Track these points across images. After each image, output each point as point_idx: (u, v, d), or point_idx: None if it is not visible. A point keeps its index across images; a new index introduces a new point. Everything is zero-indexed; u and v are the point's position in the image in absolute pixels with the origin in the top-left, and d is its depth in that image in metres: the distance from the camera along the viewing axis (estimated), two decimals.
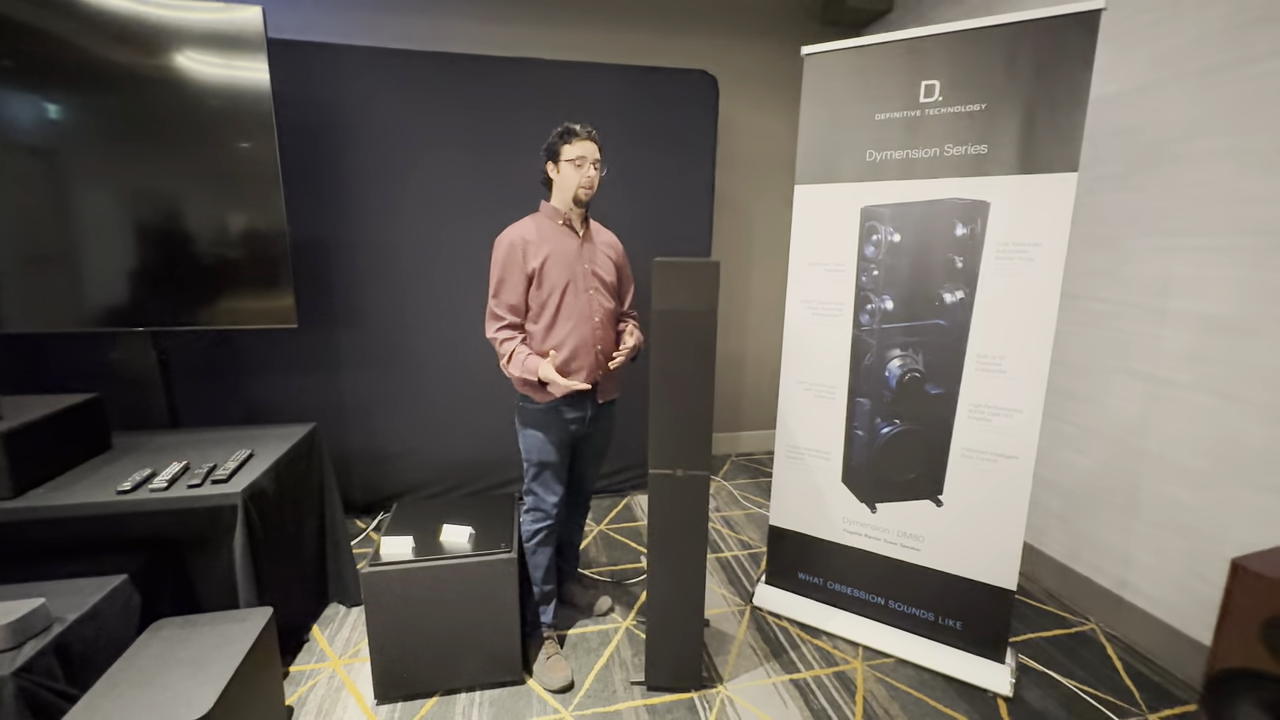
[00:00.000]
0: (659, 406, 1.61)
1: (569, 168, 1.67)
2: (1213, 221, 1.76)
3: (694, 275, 1.53)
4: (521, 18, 2.92)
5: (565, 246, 1.71)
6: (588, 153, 1.66)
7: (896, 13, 3.13)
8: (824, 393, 2.02)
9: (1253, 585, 0.95)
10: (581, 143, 1.67)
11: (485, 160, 2.60)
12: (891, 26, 3.16)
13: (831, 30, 3.30)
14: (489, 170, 2.60)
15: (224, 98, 1.99)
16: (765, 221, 3.44)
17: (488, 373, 2.69)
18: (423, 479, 2.80)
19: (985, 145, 1.70)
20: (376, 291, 2.62)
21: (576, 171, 1.66)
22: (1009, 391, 1.74)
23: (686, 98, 2.79)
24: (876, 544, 1.99)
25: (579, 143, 1.66)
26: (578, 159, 1.66)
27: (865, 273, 1.91)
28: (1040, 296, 1.67)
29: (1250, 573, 0.95)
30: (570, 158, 1.66)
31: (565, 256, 1.70)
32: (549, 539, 1.84)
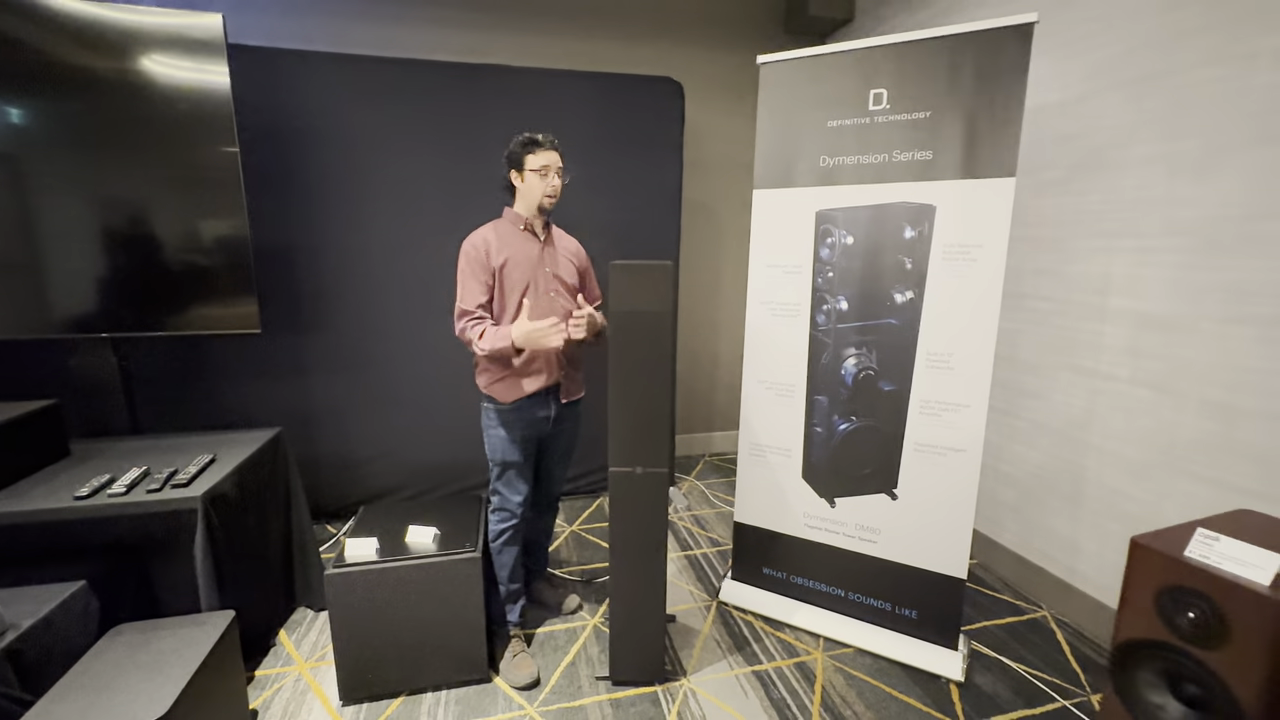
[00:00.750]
0: (618, 406, 1.64)
1: (533, 177, 1.70)
2: (1147, 223, 1.85)
3: (649, 277, 1.57)
4: (488, 24, 2.95)
5: (526, 251, 1.76)
6: (551, 162, 1.70)
7: (858, 21, 3.22)
8: (784, 391, 2.08)
9: (1148, 560, 1.01)
10: (545, 152, 1.70)
11: (452, 166, 2.62)
12: (853, 35, 3.24)
13: (795, 39, 3.38)
14: (455, 176, 2.61)
15: (185, 103, 1.99)
16: (735, 224, 3.50)
17: (456, 376, 2.70)
18: (393, 483, 2.80)
19: (930, 151, 1.77)
20: (343, 296, 2.63)
21: (541, 181, 1.70)
22: (957, 387, 1.80)
23: (653, 104, 2.83)
24: (836, 538, 2.04)
25: (542, 152, 1.70)
26: (541, 168, 1.69)
27: (821, 274, 1.97)
28: (983, 295, 1.74)
29: (1146, 549, 1.02)
30: (534, 167, 1.70)
31: (526, 260, 1.74)
32: (515, 538, 1.86)
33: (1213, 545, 1.02)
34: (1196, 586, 0.99)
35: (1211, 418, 1.70)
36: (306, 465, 2.59)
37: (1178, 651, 1.01)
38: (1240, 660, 0.96)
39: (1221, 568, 0.99)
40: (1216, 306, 1.68)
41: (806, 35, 3.39)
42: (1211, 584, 0.98)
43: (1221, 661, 0.98)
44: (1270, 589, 0.95)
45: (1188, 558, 1.02)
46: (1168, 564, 1.00)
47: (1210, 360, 1.69)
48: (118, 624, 1.51)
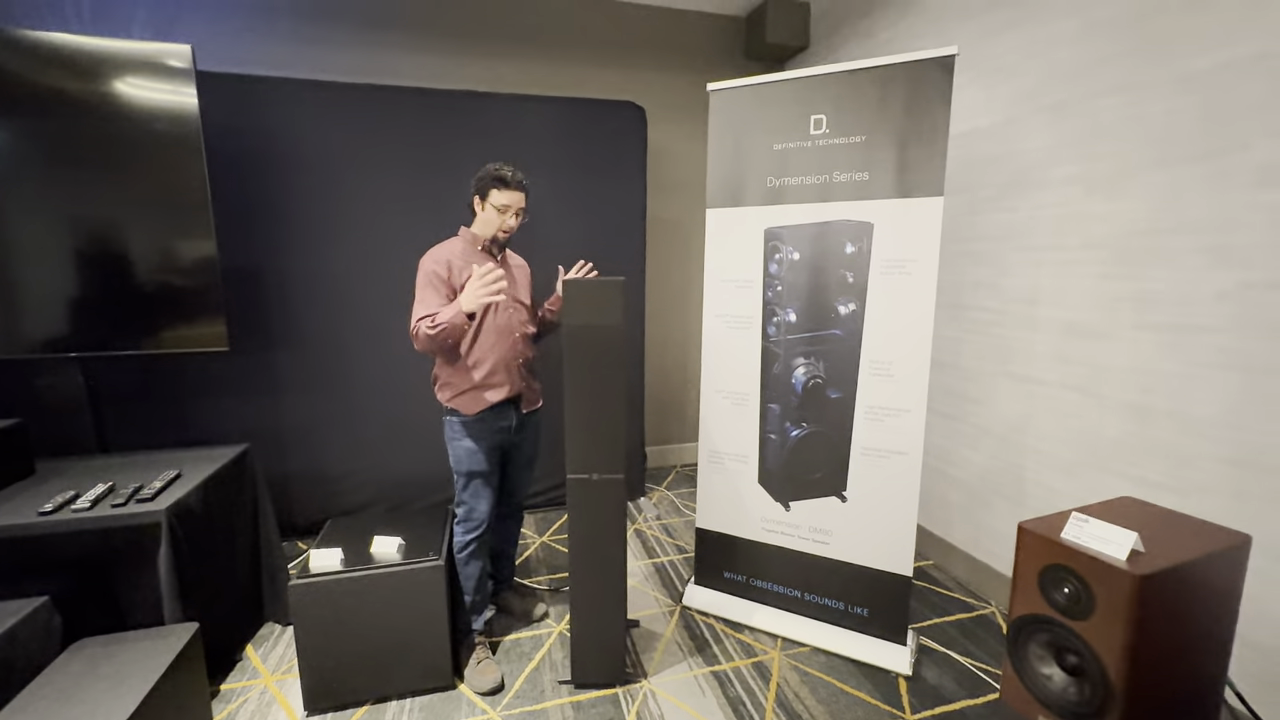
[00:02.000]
0: (574, 416, 1.71)
1: (493, 211, 1.77)
2: (1068, 237, 1.98)
3: (601, 293, 1.66)
4: (456, 50, 3.05)
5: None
6: (514, 202, 1.77)
7: (813, 48, 3.38)
8: (739, 400, 2.16)
9: (1032, 542, 1.11)
10: (511, 192, 1.77)
11: (419, 189, 2.69)
12: (809, 61, 3.41)
13: (754, 65, 3.53)
14: (423, 198, 2.69)
15: (154, 128, 2.05)
16: (696, 241, 3.61)
17: (424, 392, 2.71)
18: (364, 498, 2.83)
19: (867, 173, 1.89)
20: (312, 316, 2.67)
21: (499, 216, 1.77)
22: (898, 393, 1.90)
23: (616, 127, 2.94)
24: (791, 540, 2.12)
25: (508, 191, 1.76)
26: (503, 206, 1.76)
27: (770, 288, 2.07)
28: (918, 306, 1.84)
29: (1030, 533, 1.12)
30: (497, 203, 1.76)
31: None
32: (481, 549, 1.91)
33: (1083, 527, 1.12)
34: (1069, 564, 1.09)
35: (1129, 418, 1.82)
36: (277, 482, 2.64)
37: (1057, 624, 1.10)
38: (1104, 629, 1.06)
39: (1089, 546, 1.09)
40: (1129, 314, 1.81)
41: (765, 61, 3.54)
42: (1080, 561, 1.08)
43: (1090, 631, 1.07)
44: (1126, 563, 1.06)
45: (1063, 539, 1.12)
46: (1047, 545, 1.09)
47: (1126, 364, 1.82)
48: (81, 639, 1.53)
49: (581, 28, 3.23)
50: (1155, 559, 1.07)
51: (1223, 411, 1.59)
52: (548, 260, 2.27)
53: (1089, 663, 1.06)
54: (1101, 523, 1.11)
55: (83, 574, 1.64)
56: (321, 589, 1.69)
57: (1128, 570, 1.03)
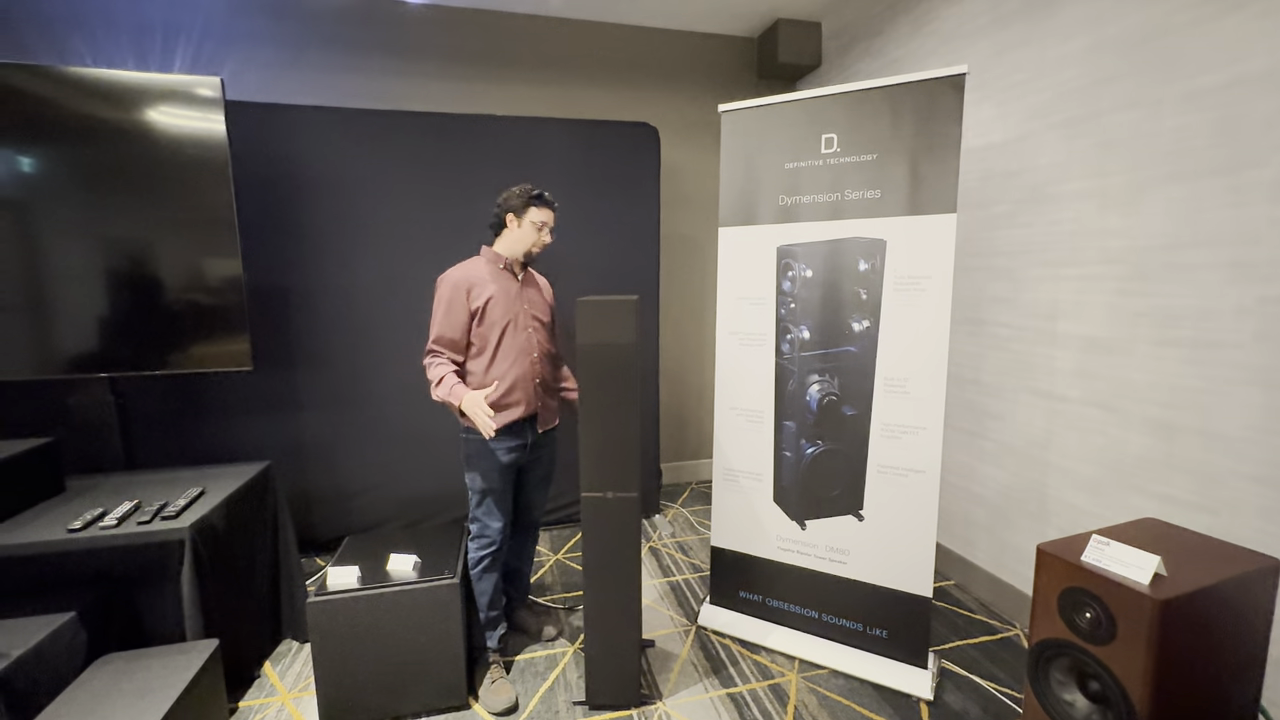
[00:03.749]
0: (589, 434, 1.73)
1: (531, 228, 1.86)
2: (1084, 253, 1.98)
3: (614, 311, 1.68)
4: (473, 76, 3.14)
5: (506, 288, 1.87)
6: (549, 220, 1.88)
7: (824, 68, 3.43)
8: (754, 417, 2.17)
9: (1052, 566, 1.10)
10: (548, 211, 1.88)
11: (440, 211, 2.76)
12: (821, 80, 3.45)
13: (766, 84, 3.59)
14: (443, 220, 2.75)
15: (184, 154, 2.14)
16: (712, 258, 3.63)
17: (441, 410, 2.75)
18: (382, 515, 2.86)
19: (879, 190, 1.91)
20: (335, 335, 2.73)
21: (536, 233, 1.86)
22: (914, 411, 1.90)
23: (630, 147, 3.00)
24: (808, 559, 2.11)
25: (546, 210, 1.87)
26: (541, 224, 1.86)
27: (784, 305, 2.08)
28: (933, 323, 1.85)
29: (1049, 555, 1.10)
30: (536, 220, 1.85)
31: (506, 298, 1.86)
32: (494, 565, 1.94)
33: (1104, 550, 1.10)
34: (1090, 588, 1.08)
35: (1153, 434, 1.79)
36: (297, 499, 2.69)
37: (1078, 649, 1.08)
38: (1127, 654, 1.04)
39: (1110, 570, 1.07)
40: (1149, 330, 1.79)
41: (777, 80, 3.60)
42: (1101, 585, 1.07)
43: (1112, 656, 1.05)
44: (1148, 588, 1.04)
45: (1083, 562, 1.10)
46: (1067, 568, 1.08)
47: (1148, 380, 1.80)
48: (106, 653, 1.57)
49: (596, 52, 3.31)
50: (1178, 583, 1.05)
51: (1248, 428, 1.57)
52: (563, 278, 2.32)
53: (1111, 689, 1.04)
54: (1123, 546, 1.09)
55: (108, 590, 1.69)
56: (339, 607, 1.72)
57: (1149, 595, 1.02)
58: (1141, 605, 1.02)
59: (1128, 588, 1.04)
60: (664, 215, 3.22)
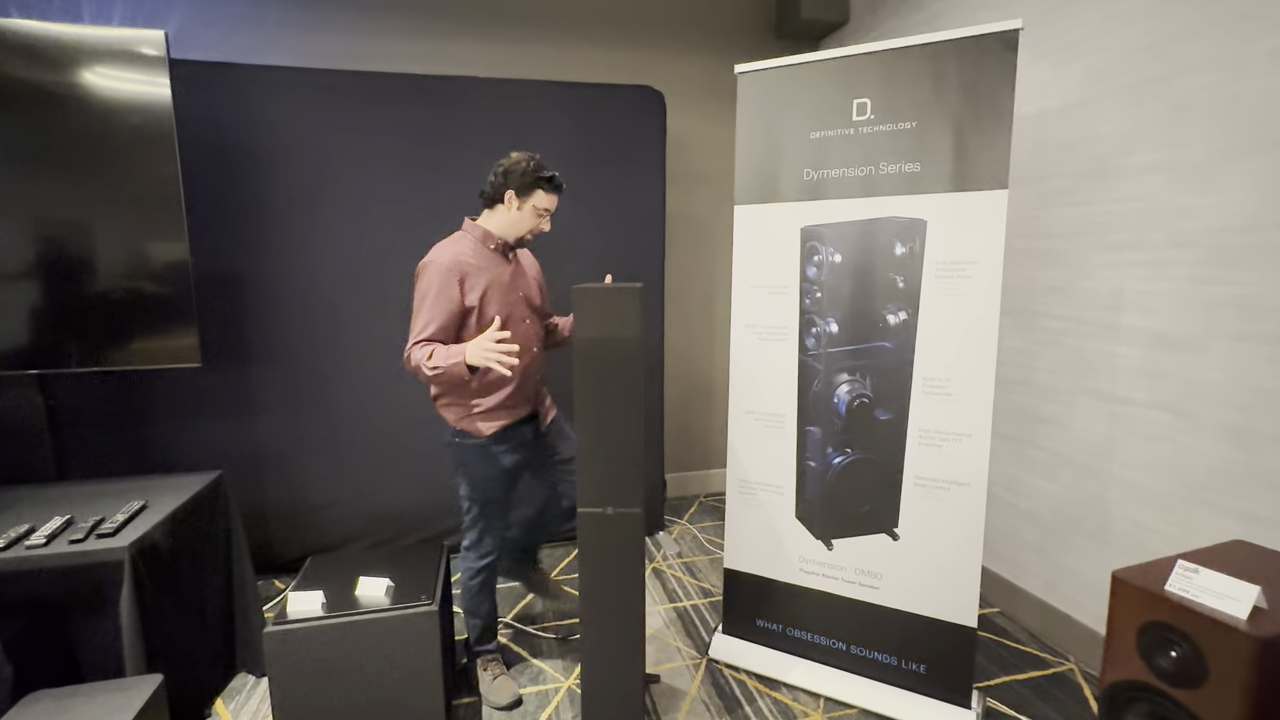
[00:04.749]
0: (586, 441, 1.69)
1: (531, 213, 1.84)
2: (1153, 235, 1.94)
3: (616, 301, 1.64)
4: (454, 33, 3.10)
5: (500, 275, 1.86)
6: (553, 207, 1.88)
7: (853, 24, 3.39)
8: (773, 422, 2.14)
9: (1129, 596, 1.07)
10: (554, 197, 1.87)
11: (416, 185, 2.72)
12: (848, 38, 3.41)
13: (786, 44, 3.55)
14: (420, 196, 2.72)
15: (122, 121, 2.10)
16: (723, 240, 3.60)
17: (420, 414, 2.75)
18: (349, 532, 2.84)
19: (918, 163, 1.87)
20: (296, 328, 2.70)
21: (536, 219, 1.86)
22: (957, 415, 1.86)
23: (632, 115, 2.96)
24: (834, 584, 2.08)
25: (553, 195, 1.86)
26: (544, 209, 1.85)
27: (809, 294, 2.05)
28: (981, 315, 1.81)
29: (1126, 584, 1.07)
30: (540, 205, 1.84)
31: (501, 287, 1.85)
32: (492, 578, 2.02)
33: (1192, 578, 1.07)
34: (1175, 622, 1.05)
35: (1230, 443, 1.76)
36: (253, 513, 2.66)
37: (1160, 694, 1.05)
38: (1218, 700, 1.01)
39: (1200, 601, 1.04)
40: (1228, 323, 1.76)
41: (799, 39, 3.55)
42: (1189, 619, 1.03)
43: (1201, 702, 1.02)
44: (1247, 623, 1.01)
45: (1168, 592, 1.07)
46: (1147, 599, 1.05)
47: (1224, 381, 1.77)
48: (35, 690, 1.54)
49: (592, 5, 3.26)
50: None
51: None
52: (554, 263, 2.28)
53: None
54: (1215, 574, 1.06)
55: (36, 618, 1.65)
56: (300, 637, 1.69)
57: (1247, 631, 0.98)
58: (1237, 643, 0.98)
59: (1221, 623, 1.01)
60: (669, 192, 3.16)
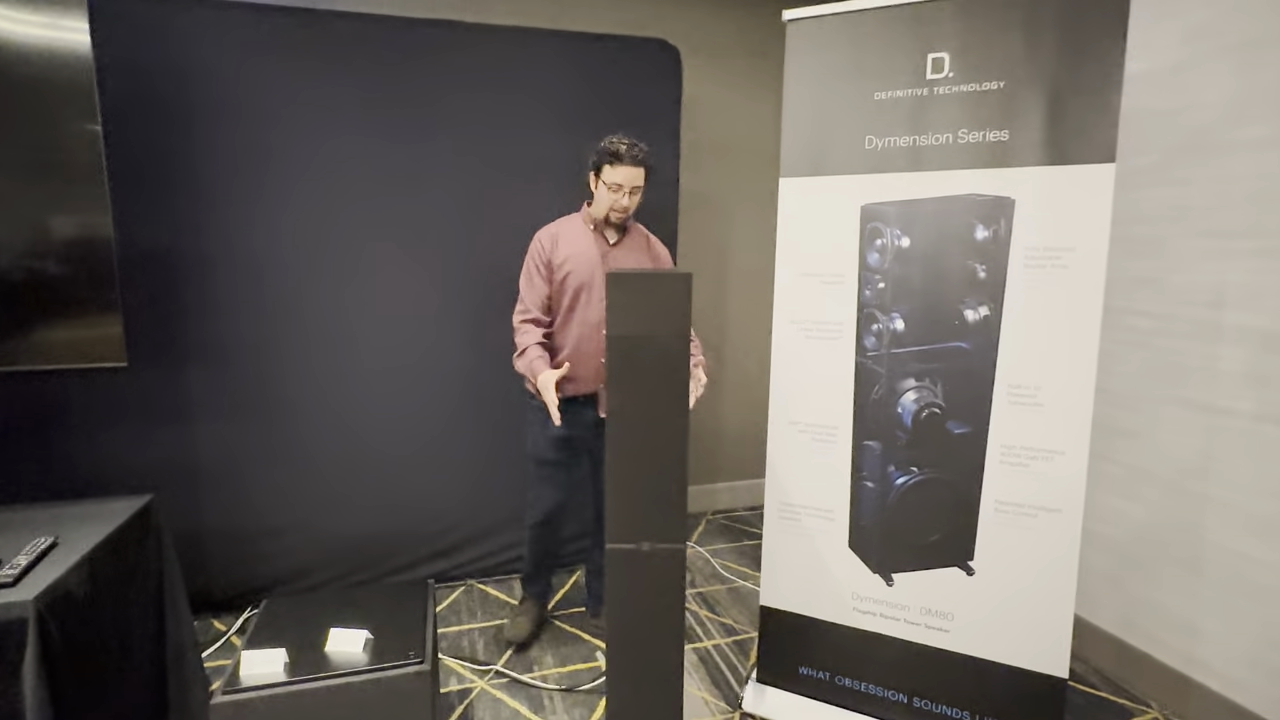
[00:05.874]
0: (618, 461, 1.53)
1: (604, 190, 2.03)
2: (1265, 220, 1.84)
3: (658, 290, 1.49)
4: None
5: (589, 251, 2.10)
6: (627, 180, 2.00)
7: None
8: (823, 435, 2.02)
9: None
10: (624, 168, 1.98)
11: (391, 150, 2.55)
12: None
13: None
14: (395, 163, 2.55)
15: (29, 69, 1.86)
16: (745, 221, 3.48)
17: (393, 420, 2.64)
18: (307, 561, 2.65)
19: (1006, 131, 1.75)
20: (242, 319, 2.49)
21: (610, 195, 2.02)
22: (1048, 429, 1.76)
23: (643, 73, 2.81)
24: (895, 625, 1.96)
25: (621, 168, 1.98)
26: (615, 184, 2.00)
27: (869, 285, 1.92)
28: (1079, 312, 1.70)
29: None
30: (609, 180, 2.00)
31: (587, 261, 2.08)
32: (546, 535, 2.31)
33: None
34: None
35: None
36: (190, 541, 2.45)
37: None
38: None
39: None
40: None
41: None
42: None
43: None
44: None
45: None
46: None
47: None
48: None
49: None
50: None
51: None
52: None
53: None
54: None
55: None
56: (258, 709, 1.48)
57: None
58: None
59: None
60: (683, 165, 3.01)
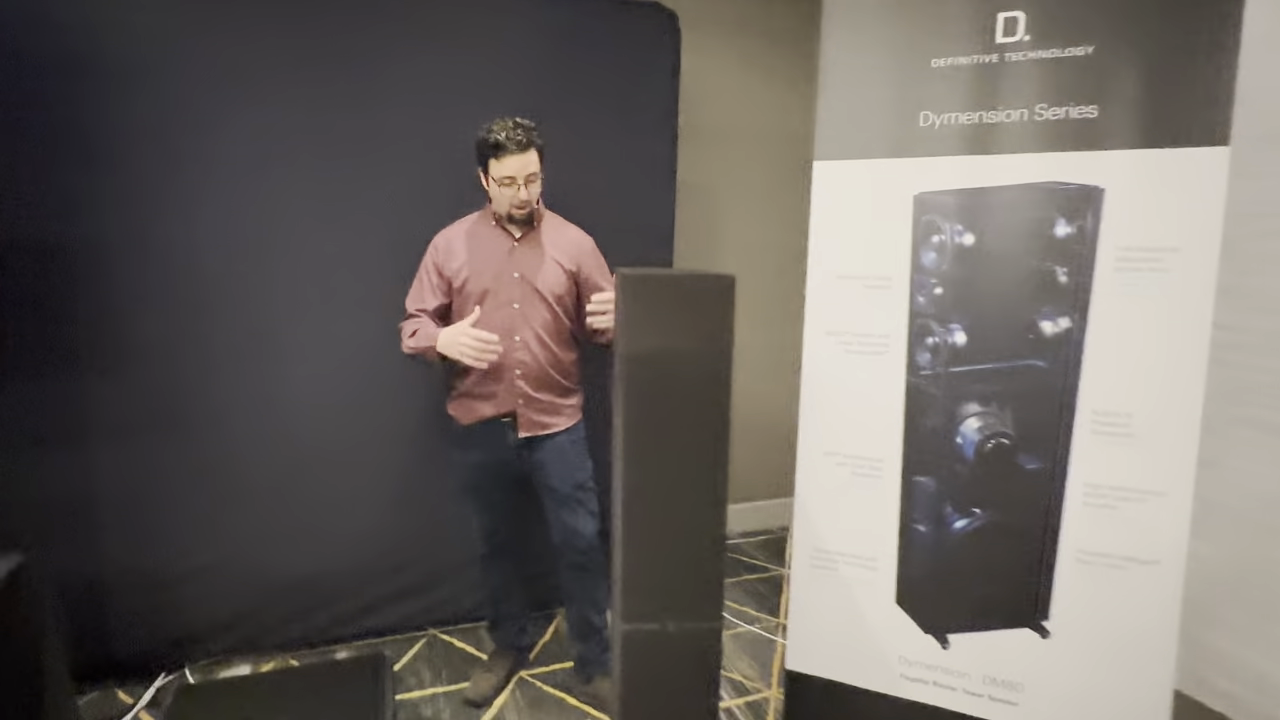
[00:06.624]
0: (635, 516, 1.24)
1: (496, 188, 1.85)
2: None
3: (691, 297, 1.21)
4: None
5: (491, 251, 1.94)
6: (519, 170, 1.82)
7: None
8: (866, 469, 1.80)
9: None
10: (511, 158, 1.80)
11: (333, 125, 2.28)
12: None
13: None
14: (339, 140, 2.28)
15: None
16: (747, 215, 3.28)
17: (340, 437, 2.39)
18: (233, 614, 2.33)
19: (1094, 106, 1.54)
20: (148, 318, 2.18)
21: (505, 192, 1.85)
22: (1141, 465, 1.56)
23: (633, 42, 2.57)
24: (952, 696, 1.75)
25: (508, 158, 1.80)
26: (506, 179, 1.82)
27: (923, 290, 1.72)
28: (1182, 324, 1.51)
29: None
30: (499, 176, 1.82)
31: (488, 263, 1.93)
32: (495, 557, 2.18)
33: None
34: None
35: None
36: (85, 593, 2.19)
37: None
38: None
39: None
40: None
41: None
42: None
43: None
44: None
45: None
46: None
47: None
48: None
49: None
50: None
51: None
52: None
53: None
54: None
55: None
56: None
57: None
58: None
59: None
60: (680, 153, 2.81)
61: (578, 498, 2.04)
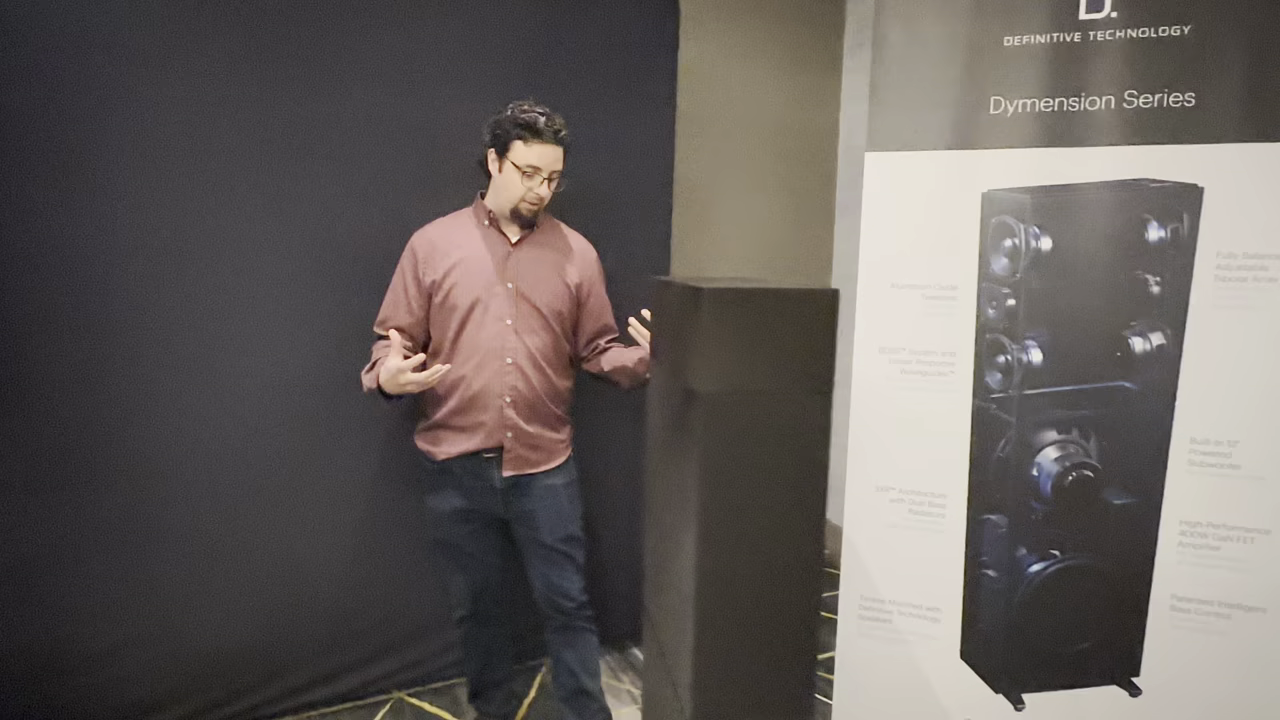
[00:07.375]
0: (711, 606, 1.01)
1: (514, 173, 1.68)
2: None
3: (782, 319, 0.99)
4: None
5: (483, 254, 1.74)
6: (546, 163, 1.67)
7: None
8: (926, 506, 1.70)
9: None
10: (542, 146, 1.66)
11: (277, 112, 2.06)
12: None
13: None
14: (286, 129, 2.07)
15: None
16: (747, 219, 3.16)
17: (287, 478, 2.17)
18: (164, 692, 2.05)
19: (1192, 93, 1.47)
20: (57, 341, 1.92)
21: (523, 181, 1.68)
22: (1246, 500, 1.48)
23: (629, 30, 2.43)
24: None
25: (539, 146, 1.66)
26: (530, 167, 1.67)
27: (994, 302, 1.62)
28: None
29: None
30: (522, 162, 1.66)
31: (480, 268, 1.73)
32: (476, 628, 1.94)
33: None
34: None
35: None
36: None
37: None
38: None
39: None
40: None
41: None
42: None
43: None
44: None
45: None
46: None
47: None
48: None
49: None
50: None
51: None
52: None
53: None
54: None
55: None
56: None
57: None
58: None
59: None
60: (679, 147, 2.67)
61: (566, 552, 1.87)
